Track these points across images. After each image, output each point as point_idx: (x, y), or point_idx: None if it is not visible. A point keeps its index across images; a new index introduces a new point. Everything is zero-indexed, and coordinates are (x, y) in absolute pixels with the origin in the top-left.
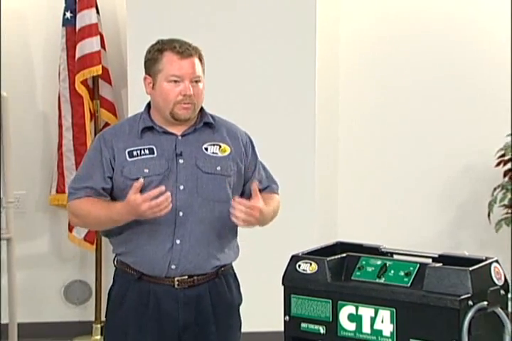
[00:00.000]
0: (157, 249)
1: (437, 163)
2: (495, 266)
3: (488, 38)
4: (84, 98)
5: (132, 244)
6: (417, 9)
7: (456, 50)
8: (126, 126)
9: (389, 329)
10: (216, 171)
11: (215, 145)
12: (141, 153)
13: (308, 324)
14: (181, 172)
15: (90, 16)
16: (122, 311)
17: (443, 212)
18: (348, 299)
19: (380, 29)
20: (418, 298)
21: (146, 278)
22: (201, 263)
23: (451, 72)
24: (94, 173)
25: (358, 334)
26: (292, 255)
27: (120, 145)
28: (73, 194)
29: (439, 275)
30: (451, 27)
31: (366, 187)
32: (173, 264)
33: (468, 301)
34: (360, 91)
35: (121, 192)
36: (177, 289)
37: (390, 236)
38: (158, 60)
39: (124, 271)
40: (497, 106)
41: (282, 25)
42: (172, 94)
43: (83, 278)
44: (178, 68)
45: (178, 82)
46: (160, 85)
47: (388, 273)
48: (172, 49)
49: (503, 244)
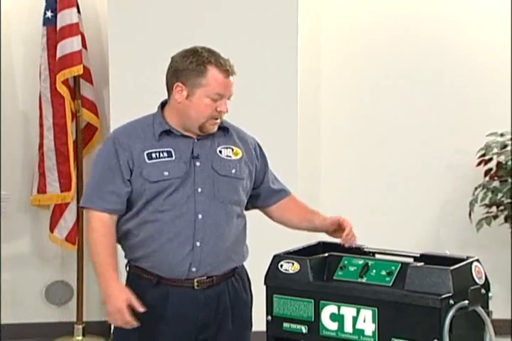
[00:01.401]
0: (177, 251)
1: (419, 163)
2: (476, 265)
3: (471, 39)
4: (65, 98)
5: (150, 248)
6: (399, 8)
7: (439, 51)
8: (139, 129)
9: (371, 328)
10: (231, 174)
11: (228, 149)
12: (159, 155)
13: (291, 324)
14: (199, 175)
15: (71, 16)
16: (138, 315)
17: (424, 212)
18: (330, 299)
19: (362, 28)
20: (400, 297)
21: (164, 282)
22: (220, 264)
23: (433, 73)
24: (114, 177)
25: (340, 333)
26: (274, 255)
27: (138, 146)
28: (96, 202)
29: (420, 274)
30: (434, 27)
31: (348, 187)
32: (194, 267)
33: (449, 300)
34: (342, 90)
35: (138, 195)
36: (197, 290)
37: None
38: (201, 74)
39: (139, 276)
40: (478, 106)
41: (264, 25)
42: (209, 109)
43: (65, 279)
44: (223, 87)
45: (217, 99)
46: (199, 99)
47: (370, 273)
48: (217, 65)
49: (484, 243)
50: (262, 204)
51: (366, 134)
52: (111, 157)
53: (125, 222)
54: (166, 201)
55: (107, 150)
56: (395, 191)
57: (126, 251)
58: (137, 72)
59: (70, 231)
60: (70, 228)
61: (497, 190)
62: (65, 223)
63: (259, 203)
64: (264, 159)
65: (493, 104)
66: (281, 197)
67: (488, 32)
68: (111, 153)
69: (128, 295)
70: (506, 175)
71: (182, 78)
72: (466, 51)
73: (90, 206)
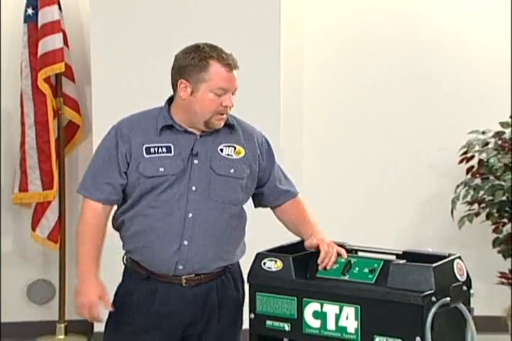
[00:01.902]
0: (165, 249)
1: (401, 161)
2: (457, 262)
3: (452, 36)
4: (47, 96)
5: (141, 242)
6: (382, 4)
7: (421, 48)
8: (144, 121)
9: (353, 325)
10: (230, 174)
11: (230, 147)
12: (158, 150)
13: (274, 321)
14: (195, 173)
15: (52, 13)
16: (128, 309)
17: (407, 209)
18: (313, 296)
19: (345, 24)
20: (382, 294)
21: (154, 277)
22: (208, 264)
23: (415, 71)
24: (111, 168)
25: (323, 331)
26: (257, 253)
27: (138, 140)
28: (91, 192)
29: (402, 271)
30: (417, 24)
31: (330, 185)
32: (181, 265)
33: (431, 297)
34: (324, 88)
35: (134, 188)
36: (185, 287)
37: (354, 233)
38: (204, 69)
39: (133, 269)
40: (459, 103)
41: (247, 22)
42: (214, 104)
43: (47, 278)
44: (226, 81)
45: (221, 94)
46: (203, 94)
47: (353, 270)
48: (219, 60)
49: (465, 240)
50: (267, 203)
51: (348, 133)
52: (111, 148)
53: (121, 213)
54: (159, 197)
55: (110, 140)
56: (377, 189)
57: (123, 242)
58: (119, 69)
59: (52, 229)
60: (52, 226)
61: (479, 188)
62: (47, 221)
63: (264, 202)
64: (271, 157)
65: (475, 102)
66: (287, 199)
67: (471, 29)
68: (112, 144)
69: (101, 291)
70: (488, 172)
71: (185, 75)
72: (448, 49)
73: (85, 194)
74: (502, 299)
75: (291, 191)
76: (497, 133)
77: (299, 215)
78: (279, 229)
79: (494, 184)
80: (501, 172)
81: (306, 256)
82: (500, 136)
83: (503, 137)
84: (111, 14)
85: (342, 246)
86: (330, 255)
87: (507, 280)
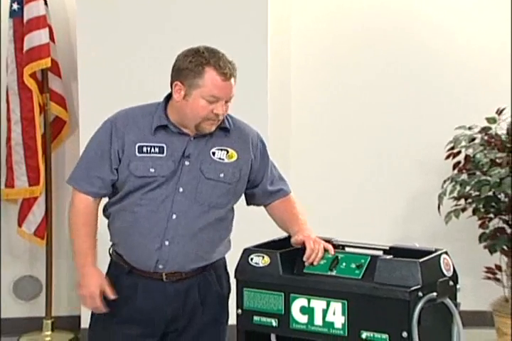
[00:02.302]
0: (146, 247)
1: (388, 157)
2: (444, 257)
3: (437, 32)
4: (33, 91)
5: (123, 237)
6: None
7: (406, 45)
8: (140, 118)
9: (340, 321)
10: (219, 178)
11: (223, 151)
12: (150, 150)
13: (261, 317)
14: (184, 175)
15: (38, 8)
16: (112, 301)
17: (394, 205)
18: (300, 292)
19: (331, 25)
20: (369, 290)
21: (135, 272)
22: (188, 264)
23: (400, 68)
24: (103, 163)
25: (310, 326)
26: (244, 248)
27: (131, 137)
28: (81, 184)
29: (389, 267)
30: (402, 21)
31: (317, 181)
32: (161, 264)
33: (418, 292)
34: (311, 85)
35: (122, 184)
36: (166, 282)
37: (342, 229)
38: (199, 75)
39: (117, 262)
40: (446, 99)
41: (234, 18)
42: (205, 111)
43: (33, 274)
44: (219, 90)
45: (213, 101)
46: (195, 99)
47: (340, 266)
48: (216, 68)
49: (452, 235)
50: (259, 202)
51: (335, 130)
52: (105, 142)
53: (111, 205)
54: (145, 196)
55: (104, 133)
56: (365, 184)
57: (110, 234)
58: (106, 65)
59: (38, 225)
60: (38, 222)
61: (465, 183)
62: (34, 217)
63: (256, 201)
64: (265, 158)
65: (462, 98)
66: (278, 197)
67: (457, 27)
68: (106, 139)
69: (102, 281)
70: (474, 168)
71: (181, 77)
72: (435, 46)
73: (75, 186)
74: (488, 294)
75: (283, 189)
76: (483, 129)
77: (288, 212)
78: (269, 224)
79: (481, 179)
80: (488, 167)
81: (293, 252)
82: (486, 132)
83: (489, 132)
84: (97, 9)
85: (329, 241)
86: (316, 251)
87: (493, 276)
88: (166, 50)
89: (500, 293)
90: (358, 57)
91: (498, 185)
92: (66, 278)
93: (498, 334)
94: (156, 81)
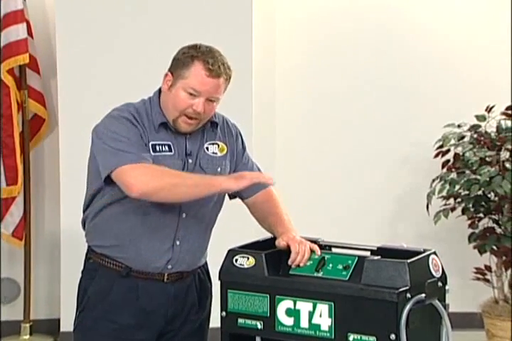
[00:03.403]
0: (156, 248)
1: (376, 155)
2: (433, 257)
3: (425, 30)
4: (10, 88)
5: (127, 238)
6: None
7: (393, 43)
8: (144, 115)
9: (327, 323)
10: (217, 172)
11: (214, 145)
12: (162, 148)
13: (246, 319)
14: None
15: (16, 2)
16: (108, 307)
17: (382, 204)
18: (286, 293)
19: (316, 22)
20: (356, 291)
21: (134, 274)
22: (194, 262)
23: (388, 65)
24: (141, 143)
25: (296, 329)
26: (229, 249)
27: (144, 134)
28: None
29: (377, 268)
30: (389, 20)
31: (304, 181)
32: (170, 264)
33: (406, 294)
34: (296, 84)
35: None
36: (167, 283)
37: (328, 229)
38: (186, 67)
39: (104, 265)
40: (434, 96)
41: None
42: (183, 104)
43: (11, 276)
44: (201, 84)
45: (194, 96)
46: (177, 90)
47: (327, 267)
48: (204, 62)
49: (441, 235)
50: (240, 194)
51: (322, 128)
52: (136, 132)
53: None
54: None
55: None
56: (352, 184)
57: (92, 236)
58: (86, 61)
59: (16, 226)
60: (16, 223)
61: (454, 182)
62: (12, 218)
63: (237, 193)
64: (246, 150)
65: (451, 95)
66: (259, 189)
67: (445, 24)
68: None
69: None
70: (463, 166)
71: (172, 68)
72: (420, 43)
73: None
74: (478, 295)
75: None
76: (473, 127)
77: (270, 211)
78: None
79: (470, 178)
80: (477, 166)
81: (279, 253)
82: (476, 130)
83: (478, 131)
84: (77, 3)
85: (315, 242)
86: (302, 254)
87: (483, 276)
88: (146, 46)
89: (490, 294)
90: (343, 56)
91: (488, 184)
92: (45, 281)
93: (488, 336)
94: (138, 77)
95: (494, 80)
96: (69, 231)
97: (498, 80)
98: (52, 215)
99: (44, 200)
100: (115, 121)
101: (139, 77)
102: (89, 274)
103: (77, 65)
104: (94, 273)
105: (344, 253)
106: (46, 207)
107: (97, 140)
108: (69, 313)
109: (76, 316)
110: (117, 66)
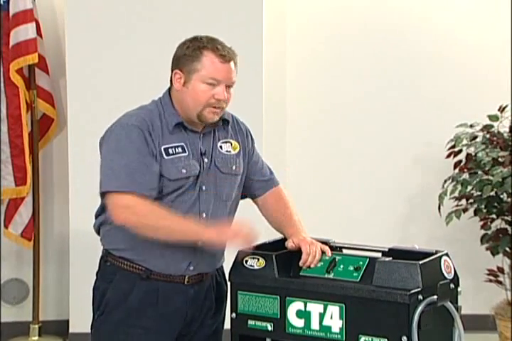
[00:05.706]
0: (179, 250)
1: (387, 155)
2: (445, 259)
3: (437, 30)
4: (19, 88)
5: (151, 241)
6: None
7: (406, 43)
8: (155, 119)
9: (338, 325)
10: (232, 171)
11: (227, 143)
12: (175, 151)
13: (256, 321)
14: (205, 173)
15: (25, 1)
16: (128, 310)
17: (393, 205)
18: (297, 295)
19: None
20: (367, 293)
21: (154, 277)
22: (214, 263)
23: (401, 65)
24: (152, 165)
25: (307, 330)
26: (239, 250)
27: (156, 140)
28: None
29: (388, 269)
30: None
31: (315, 182)
32: (192, 266)
33: (418, 295)
34: (308, 83)
35: None
36: (187, 286)
37: (340, 230)
38: (197, 59)
39: (123, 268)
40: (447, 96)
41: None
42: (205, 96)
43: (20, 277)
44: (218, 71)
45: (213, 85)
46: (194, 85)
47: (337, 268)
48: (214, 50)
49: (453, 236)
50: (249, 192)
51: (333, 127)
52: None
53: None
54: (177, 198)
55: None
56: (364, 184)
57: (112, 240)
58: (95, 61)
59: (25, 226)
60: (25, 223)
61: (466, 183)
62: (21, 218)
63: (246, 191)
64: (255, 148)
65: (463, 95)
66: (269, 187)
67: (457, 23)
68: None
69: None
70: (476, 167)
71: (180, 65)
72: (434, 43)
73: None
74: (490, 297)
75: (272, 179)
76: (485, 127)
77: (280, 211)
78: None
79: (482, 179)
80: (490, 166)
81: (289, 254)
82: (488, 130)
83: (491, 131)
84: (87, 3)
85: (326, 243)
86: (313, 255)
87: (495, 278)
88: (157, 46)
89: (503, 296)
90: (355, 52)
91: (501, 185)
92: (54, 281)
93: (501, 338)
94: (147, 77)
95: (507, 80)
96: (78, 232)
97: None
98: (61, 215)
99: (53, 200)
100: (122, 131)
101: (148, 76)
102: (107, 277)
103: (86, 64)
104: (112, 277)
105: (355, 255)
106: (55, 207)
107: (101, 149)
108: (78, 314)
109: (94, 320)
110: (126, 66)
